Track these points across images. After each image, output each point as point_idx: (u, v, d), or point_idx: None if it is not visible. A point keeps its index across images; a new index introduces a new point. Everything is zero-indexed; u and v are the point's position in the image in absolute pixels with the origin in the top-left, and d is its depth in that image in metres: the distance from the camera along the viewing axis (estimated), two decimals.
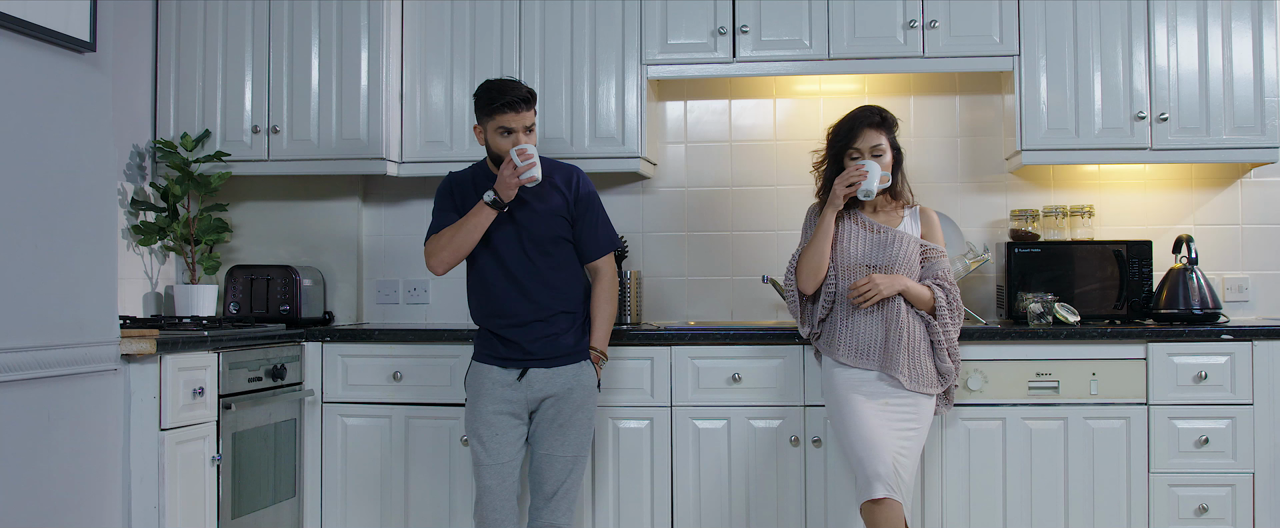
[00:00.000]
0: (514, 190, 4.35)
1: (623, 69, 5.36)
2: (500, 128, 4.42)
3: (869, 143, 4.45)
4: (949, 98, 5.65)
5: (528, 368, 4.45)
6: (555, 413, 4.47)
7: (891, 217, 4.55)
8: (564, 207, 4.55)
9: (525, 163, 4.34)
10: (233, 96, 5.47)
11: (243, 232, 5.82)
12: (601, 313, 4.59)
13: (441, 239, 4.48)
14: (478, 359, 4.54)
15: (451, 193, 4.56)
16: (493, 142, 4.46)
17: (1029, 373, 4.80)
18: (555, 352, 4.47)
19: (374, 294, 5.89)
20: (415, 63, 5.50)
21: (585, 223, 4.60)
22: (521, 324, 4.45)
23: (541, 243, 4.48)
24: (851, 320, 4.46)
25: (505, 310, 4.47)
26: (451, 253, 4.47)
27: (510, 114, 4.41)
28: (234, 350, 4.70)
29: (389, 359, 5.10)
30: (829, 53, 5.25)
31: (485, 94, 4.46)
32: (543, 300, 4.47)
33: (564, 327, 4.50)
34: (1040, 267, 5.17)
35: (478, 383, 4.49)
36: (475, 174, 4.59)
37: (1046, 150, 5.16)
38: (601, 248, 4.62)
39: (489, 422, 4.45)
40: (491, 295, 4.49)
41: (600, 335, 4.58)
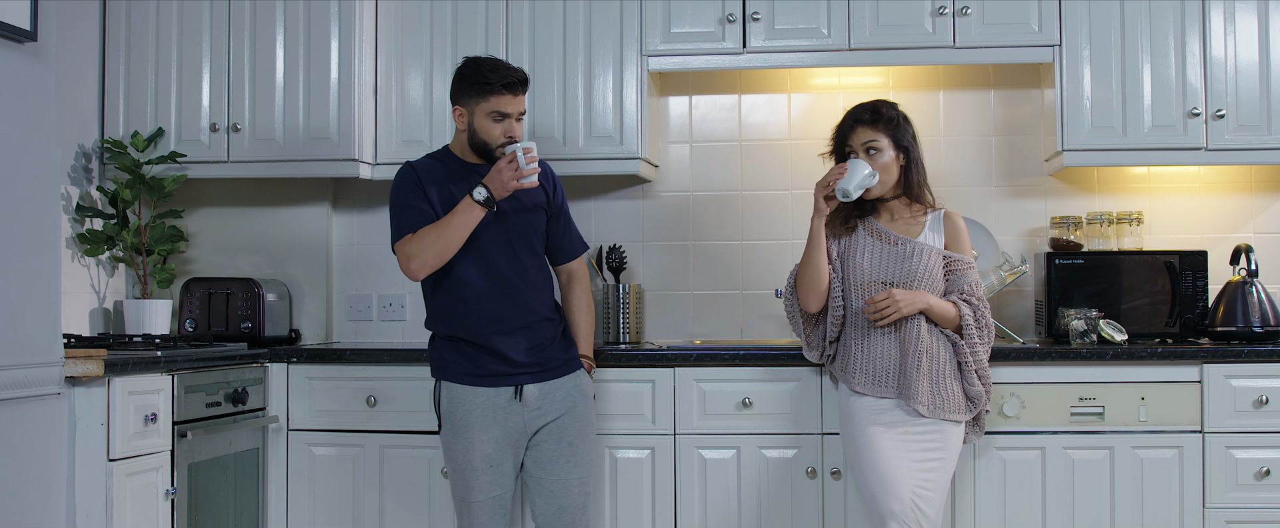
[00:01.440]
0: (510, 191, 4.35)
1: (620, 60, 5.38)
2: (494, 112, 4.41)
3: (861, 140, 4.47)
4: (982, 92, 5.67)
5: (522, 385, 4.46)
6: (561, 431, 4.48)
7: (910, 224, 4.54)
8: (546, 202, 4.59)
9: (530, 164, 4.33)
10: (188, 91, 5.49)
11: (200, 241, 5.84)
12: (585, 317, 4.65)
13: (423, 240, 4.39)
14: (453, 380, 4.50)
15: (420, 184, 4.48)
16: (481, 127, 4.44)
17: (1071, 397, 4.81)
18: (547, 364, 4.49)
19: (345, 310, 5.91)
20: (391, 53, 5.52)
21: (562, 220, 4.65)
22: (509, 333, 4.45)
23: (528, 242, 4.51)
24: (867, 343, 4.46)
25: (492, 318, 4.45)
26: (435, 255, 4.38)
27: (506, 96, 4.41)
28: (190, 372, 4.71)
29: (362, 382, 5.12)
30: (849, 42, 5.27)
31: (474, 72, 4.43)
32: (531, 306, 4.48)
33: (549, 335, 4.52)
34: (1083, 280, 5.19)
35: (461, 410, 4.46)
36: (447, 163, 4.55)
37: (1090, 151, 5.18)
38: (578, 248, 4.71)
39: (485, 455, 4.43)
40: (475, 302, 4.46)
41: (588, 342, 4.65)
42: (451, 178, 4.50)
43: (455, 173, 4.52)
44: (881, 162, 4.45)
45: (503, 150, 4.44)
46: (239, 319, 5.51)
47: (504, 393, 4.45)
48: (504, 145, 4.43)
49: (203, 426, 4.75)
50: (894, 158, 4.47)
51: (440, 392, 4.53)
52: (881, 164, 4.45)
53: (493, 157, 4.46)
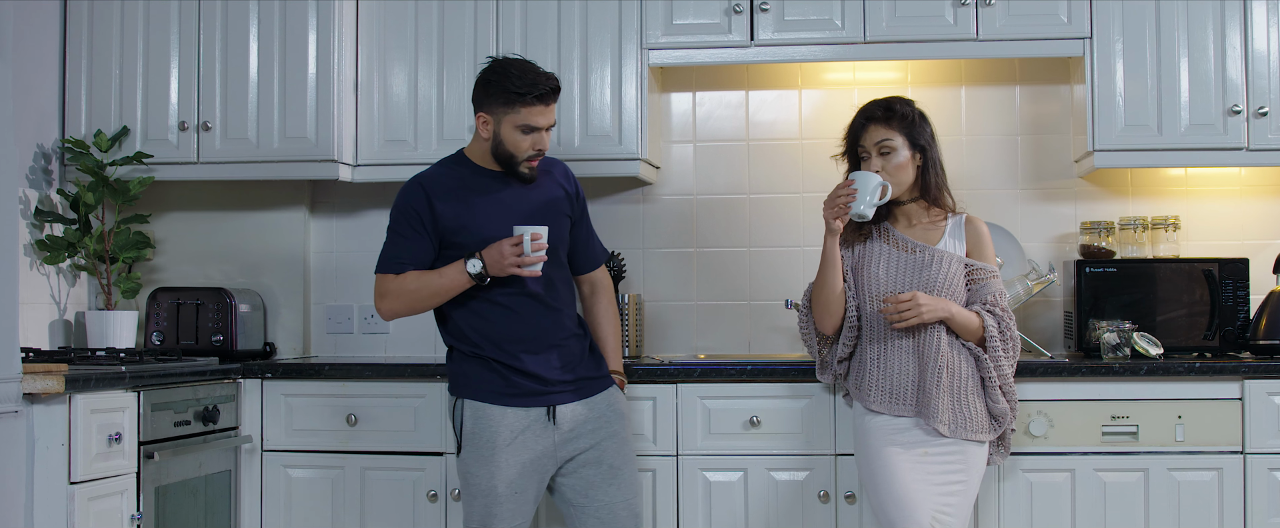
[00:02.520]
0: (508, 274, 4.34)
1: (619, 54, 5.39)
2: (523, 125, 4.38)
3: (874, 139, 4.47)
4: (1007, 89, 5.69)
5: (555, 405, 4.45)
6: (599, 455, 4.47)
7: (929, 230, 4.54)
8: (570, 204, 4.58)
9: (537, 251, 4.31)
10: (155, 87, 5.51)
11: (168, 248, 5.86)
12: (612, 330, 4.67)
13: (403, 286, 4.43)
14: (479, 398, 4.47)
15: (429, 206, 4.44)
16: (507, 139, 4.40)
17: (1102, 416, 4.83)
18: (581, 381, 4.49)
19: (323, 322, 5.92)
20: (373, 47, 5.54)
21: (583, 227, 4.64)
22: (540, 351, 4.44)
23: (556, 251, 4.49)
24: (883, 358, 4.47)
25: (520, 336, 4.44)
26: (408, 307, 4.46)
27: (537, 108, 4.37)
28: (157, 389, 4.73)
29: (342, 399, 5.13)
30: (865, 34, 5.29)
31: (504, 78, 4.37)
32: (560, 321, 4.49)
33: (579, 352, 4.53)
34: (1116, 289, 5.20)
35: (488, 431, 4.42)
36: (462, 171, 4.52)
37: (1123, 151, 5.20)
38: (600, 255, 4.72)
39: (510, 481, 4.40)
40: (502, 320, 4.44)
41: (616, 356, 4.66)
42: (467, 188, 4.47)
43: (471, 183, 4.49)
44: (896, 162, 4.45)
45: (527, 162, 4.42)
46: (210, 332, 5.53)
47: (535, 414, 4.43)
48: (530, 158, 4.42)
49: (171, 446, 4.76)
50: (910, 158, 4.47)
51: (463, 411, 4.48)
52: (896, 164, 4.44)
53: (516, 169, 4.44)
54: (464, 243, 4.43)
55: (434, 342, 5.83)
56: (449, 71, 5.47)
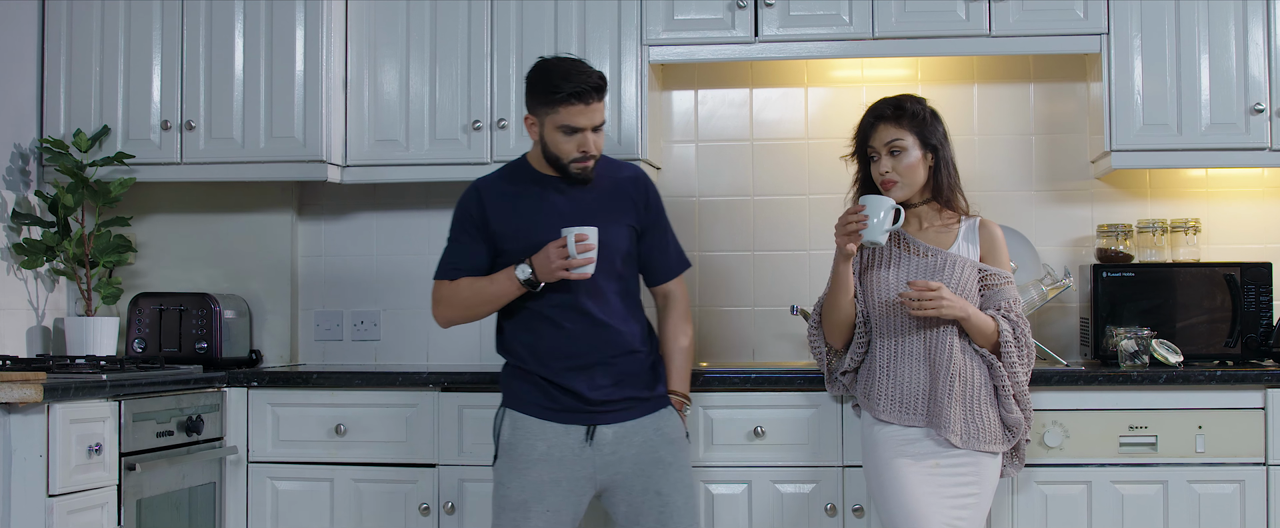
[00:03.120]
0: (556, 278, 4.32)
1: (618, 50, 5.40)
2: (563, 126, 4.35)
3: (884, 139, 4.46)
4: (1021, 86, 5.69)
5: (595, 425, 4.44)
6: (645, 481, 4.43)
7: (941, 233, 4.54)
8: (634, 214, 4.54)
9: (583, 254, 4.30)
10: (137, 85, 5.52)
11: (150, 252, 5.87)
12: (680, 347, 4.61)
13: (457, 293, 4.48)
14: (520, 409, 4.48)
15: (481, 211, 4.48)
16: (551, 140, 4.40)
17: (1120, 426, 4.83)
18: (627, 402, 4.46)
19: (312, 329, 5.93)
20: (363, 43, 5.55)
21: (656, 235, 4.60)
22: (584, 368, 4.43)
23: (610, 264, 4.45)
24: (893, 366, 4.47)
25: (567, 352, 4.43)
26: (462, 315, 4.51)
27: (578, 107, 4.34)
28: (139, 398, 4.73)
29: (331, 409, 5.14)
30: (873, 30, 5.30)
31: (543, 78, 4.37)
32: (612, 339, 4.45)
33: (633, 370, 4.49)
34: (1134, 294, 5.21)
35: (524, 443, 4.43)
36: (519, 176, 4.53)
37: (1141, 151, 5.21)
38: (675, 266, 4.65)
39: (541, 496, 4.39)
40: (548, 335, 4.44)
41: (682, 377, 4.59)
42: (521, 192, 4.47)
43: (526, 188, 4.48)
44: (906, 162, 4.44)
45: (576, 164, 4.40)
46: (193, 339, 5.53)
47: (574, 432, 4.42)
48: (577, 160, 4.40)
49: (153, 457, 4.77)
50: (921, 158, 4.46)
51: (503, 420, 4.51)
52: (907, 165, 4.44)
53: (568, 172, 4.43)
54: (515, 249, 4.44)
55: (426, 350, 5.84)
56: (442, 69, 5.47)
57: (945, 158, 4.49)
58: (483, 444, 4.99)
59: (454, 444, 5.04)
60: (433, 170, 5.50)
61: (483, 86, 5.46)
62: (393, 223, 5.92)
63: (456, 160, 5.46)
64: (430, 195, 5.87)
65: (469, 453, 5.03)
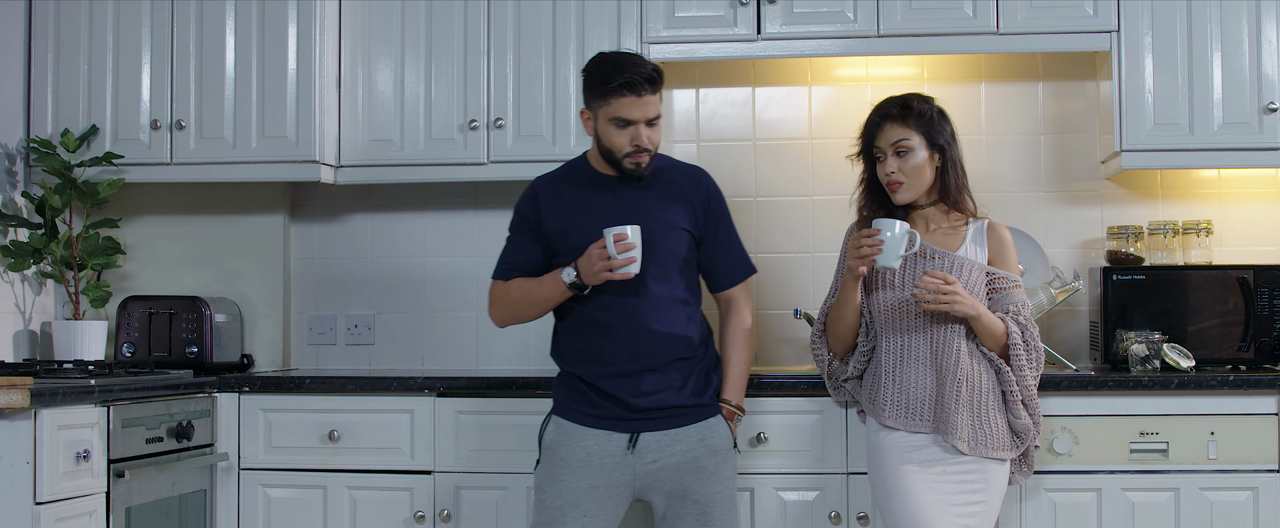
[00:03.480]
0: (601, 280, 4.32)
1: (618, 48, 5.39)
2: (615, 118, 4.36)
3: (890, 139, 4.45)
4: (1029, 85, 5.70)
5: (638, 433, 4.43)
6: (684, 493, 4.43)
7: (949, 236, 4.53)
8: (691, 218, 4.52)
9: (624, 254, 4.28)
10: (126, 83, 5.52)
11: (139, 254, 5.87)
12: (738, 356, 4.58)
13: (508, 294, 4.53)
14: (564, 415, 4.50)
15: (536, 210, 4.52)
16: (604, 134, 4.41)
17: (1130, 432, 4.83)
18: (671, 409, 4.44)
19: (305, 333, 5.93)
20: (357, 41, 5.55)
21: (719, 240, 4.58)
22: (627, 375, 4.43)
23: (663, 269, 4.45)
24: (899, 371, 4.46)
25: (605, 356, 4.44)
26: (513, 316, 4.56)
27: (629, 99, 4.34)
28: (128, 404, 4.74)
29: (324, 415, 5.14)
30: (878, 28, 5.30)
31: (597, 71, 4.39)
32: (658, 345, 4.43)
33: (680, 378, 4.47)
34: (1145, 298, 5.21)
35: (565, 448, 4.44)
36: (577, 174, 4.55)
37: (1152, 151, 5.21)
38: (738, 272, 4.63)
39: (578, 503, 4.39)
40: (595, 338, 4.45)
41: (736, 386, 4.57)
42: (576, 191, 4.49)
43: (581, 187, 4.49)
44: (912, 162, 4.43)
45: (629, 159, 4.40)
46: (183, 343, 5.53)
47: (617, 440, 4.43)
48: (630, 154, 4.39)
49: (142, 464, 4.77)
50: (927, 158, 4.45)
51: (548, 425, 4.53)
52: (913, 165, 4.43)
53: (622, 167, 4.43)
54: (566, 249, 4.46)
55: (422, 354, 5.85)
56: (437, 67, 5.48)
57: (953, 158, 4.48)
58: (480, 451, 5.00)
59: (450, 451, 5.04)
60: (428, 171, 5.50)
61: (479, 85, 5.46)
62: (387, 224, 5.92)
63: (452, 160, 5.47)
64: (426, 196, 5.87)
65: (466, 460, 5.03)
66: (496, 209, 5.81)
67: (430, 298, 5.89)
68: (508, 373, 5.36)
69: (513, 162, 5.44)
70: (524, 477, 4.97)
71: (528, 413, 4.98)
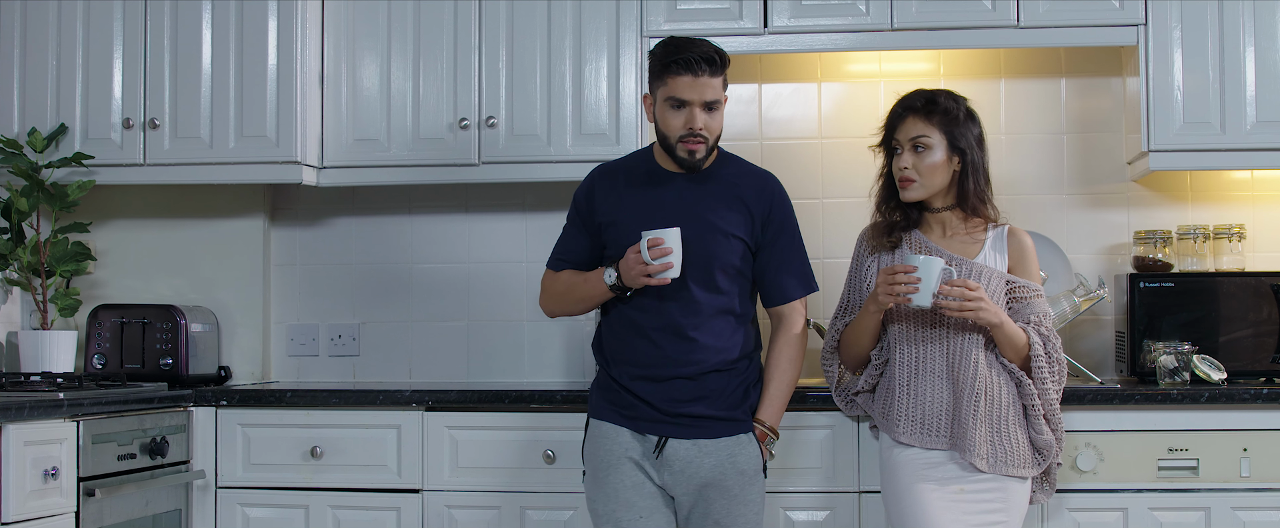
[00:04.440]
0: (640, 285, 4.33)
1: (617, 42, 5.41)
2: (671, 99, 4.38)
3: (910, 133, 4.45)
4: (1052, 82, 5.70)
5: (666, 438, 4.44)
6: (707, 508, 4.43)
7: (966, 242, 4.53)
8: (747, 227, 4.51)
9: (659, 259, 4.27)
10: (97, 80, 5.52)
11: (110, 260, 5.87)
12: (781, 377, 4.55)
13: (556, 286, 4.59)
14: (598, 416, 4.52)
15: (589, 199, 4.56)
16: (661, 117, 4.43)
17: (1159, 449, 4.83)
18: (701, 419, 4.44)
19: (285, 343, 5.93)
20: (341, 35, 5.55)
21: (777, 252, 4.55)
22: (659, 381, 4.44)
23: (709, 275, 4.45)
24: (914, 384, 4.46)
25: (640, 359, 4.45)
26: (560, 307, 4.64)
27: (686, 78, 4.35)
28: (99, 418, 4.74)
29: (306, 430, 5.15)
30: (892, 21, 5.31)
31: (658, 51, 4.42)
32: (693, 354, 4.44)
33: (715, 388, 4.47)
34: (1174, 306, 5.21)
35: (603, 451, 4.46)
36: (637, 166, 4.57)
37: (1182, 151, 5.21)
38: (795, 288, 4.58)
39: (628, 502, 4.40)
40: (638, 340, 4.47)
41: (774, 409, 4.55)
42: (633, 185, 4.50)
43: (638, 180, 4.51)
44: (929, 161, 4.42)
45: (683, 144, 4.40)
46: (157, 354, 5.54)
47: (648, 440, 4.44)
48: (685, 138, 4.39)
49: (114, 482, 4.77)
50: (945, 159, 4.44)
51: (586, 433, 4.56)
52: (929, 164, 4.42)
53: (675, 153, 4.44)
54: (614, 242, 4.48)
55: (409, 366, 5.85)
56: (426, 62, 5.48)
57: (974, 163, 4.46)
58: (472, 469, 5.01)
59: (441, 468, 5.05)
60: (416, 172, 5.51)
61: (470, 82, 5.46)
62: (373, 228, 5.92)
63: (442, 161, 5.47)
64: (413, 199, 5.88)
65: (457, 478, 5.04)
66: (488, 212, 5.82)
67: (418, 306, 5.90)
68: (501, 385, 5.36)
69: (505, 162, 5.44)
70: (518, 496, 4.99)
71: (523, 428, 4.99)
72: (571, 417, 4.92)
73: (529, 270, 5.78)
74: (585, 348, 5.75)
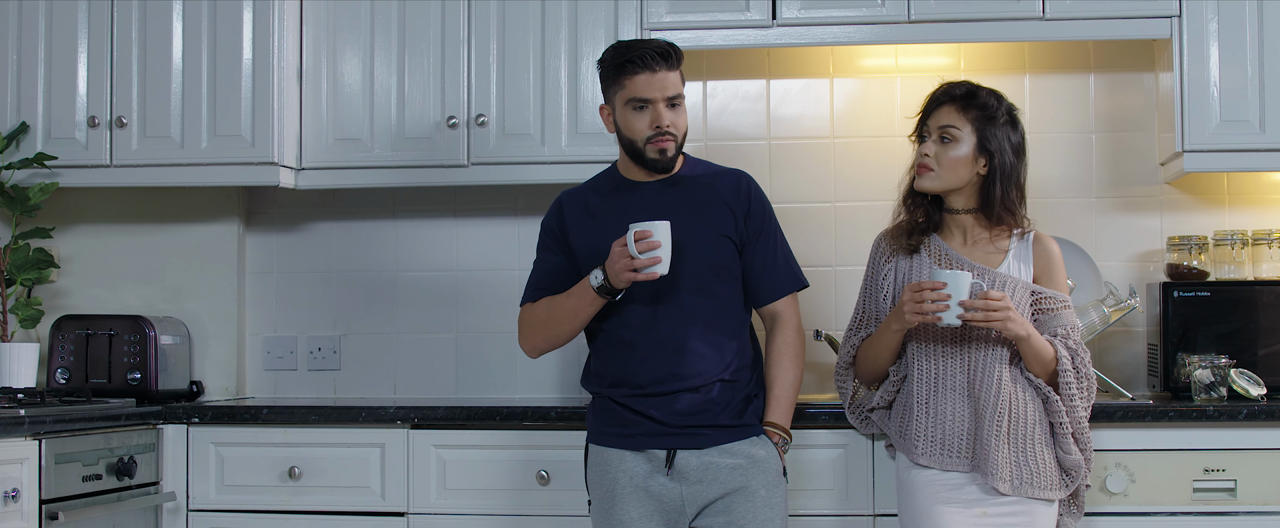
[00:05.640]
0: (627, 282, 4.31)
1: (615, 36, 5.41)
2: (632, 101, 4.39)
3: (940, 122, 4.44)
4: (1079, 77, 5.71)
5: (675, 450, 4.43)
6: (728, 514, 4.42)
7: (989, 250, 4.52)
8: (732, 225, 4.52)
9: (647, 253, 4.24)
10: (61, 75, 5.53)
11: (75, 268, 5.88)
12: (785, 376, 4.55)
13: (536, 315, 4.54)
14: (598, 442, 4.52)
15: (561, 222, 4.56)
16: (624, 123, 4.44)
17: (1194, 469, 4.83)
18: (711, 428, 4.43)
19: (261, 357, 5.94)
20: (320, 28, 5.56)
21: (761, 248, 4.56)
22: (666, 394, 4.43)
23: (701, 280, 4.46)
24: (933, 401, 4.45)
25: (646, 376, 4.44)
26: (545, 339, 4.55)
27: (643, 76, 4.38)
28: (63, 437, 4.74)
29: (283, 449, 5.15)
30: (909, 12, 5.31)
31: (608, 56, 4.44)
32: (698, 367, 4.44)
33: (725, 397, 4.47)
34: (1210, 317, 5.21)
35: (607, 479, 4.45)
36: (603, 184, 4.58)
37: (1218, 152, 5.21)
38: (784, 284, 4.59)
39: None
40: (629, 355, 4.46)
41: (783, 409, 4.55)
42: (604, 202, 4.51)
43: (608, 196, 4.52)
44: (952, 154, 4.38)
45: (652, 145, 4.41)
46: (125, 368, 5.54)
47: (654, 458, 4.43)
48: (652, 138, 4.40)
49: (79, 505, 4.78)
50: (971, 157, 4.41)
51: (587, 458, 4.56)
52: (951, 157, 4.38)
53: (644, 158, 4.45)
54: (592, 263, 4.46)
55: (395, 382, 5.85)
56: (411, 56, 5.49)
57: (1003, 169, 4.43)
58: (461, 490, 5.01)
59: (427, 490, 5.05)
60: (401, 173, 5.51)
61: (459, 77, 5.47)
62: (355, 234, 5.93)
63: (428, 162, 5.48)
64: (398, 202, 5.89)
65: (444, 500, 5.04)
66: (478, 217, 5.82)
67: (404, 317, 5.90)
68: (492, 401, 5.36)
69: (496, 163, 5.45)
70: (509, 519, 4.99)
71: (515, 447, 5.00)
72: (567, 435, 4.93)
73: (521, 279, 5.70)
74: (581, 360, 5.74)
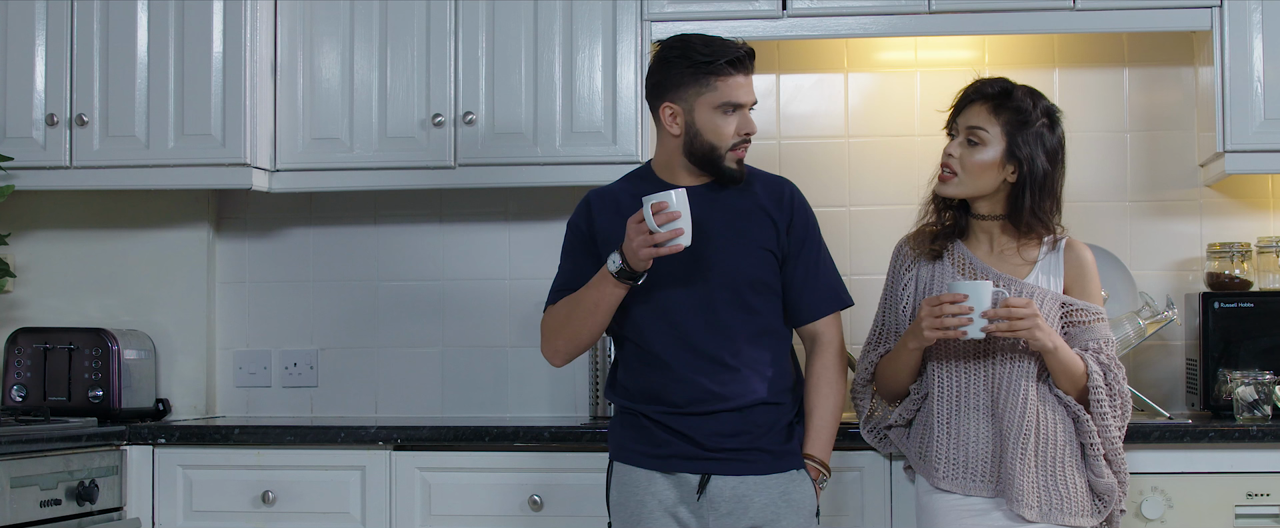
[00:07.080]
0: (646, 260, 4.24)
1: (613, 27, 5.43)
2: (725, 104, 4.35)
3: (969, 121, 4.44)
4: (1113, 72, 5.72)
5: (709, 475, 4.40)
6: None
7: (1016, 260, 4.51)
8: (773, 236, 4.48)
9: (668, 226, 4.18)
10: (16, 70, 5.54)
11: (32, 276, 5.89)
12: (825, 404, 4.51)
13: (556, 315, 4.47)
14: (624, 460, 4.48)
15: (588, 222, 4.50)
16: (706, 125, 4.37)
17: (1237, 493, 4.84)
18: (750, 455, 4.41)
19: (233, 373, 5.95)
20: (296, 19, 5.56)
21: (803, 264, 4.51)
22: (701, 415, 4.39)
23: (738, 294, 4.42)
24: (955, 421, 4.45)
25: (672, 395, 4.41)
26: (567, 341, 4.46)
27: (738, 78, 4.35)
28: (19, 459, 4.75)
29: (256, 471, 5.16)
30: (929, 2, 5.32)
31: (688, 50, 4.36)
32: (737, 387, 4.40)
33: (765, 422, 4.44)
34: (1253, 330, 5.22)
35: (633, 501, 4.42)
36: (636, 184, 4.52)
37: (1262, 152, 5.22)
38: (826, 302, 4.55)
39: None
40: (661, 373, 4.42)
41: (823, 440, 4.50)
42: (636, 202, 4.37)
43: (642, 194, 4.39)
44: (977, 158, 4.37)
45: (733, 153, 4.39)
46: (86, 385, 5.55)
47: (686, 482, 4.40)
48: (736, 146, 4.38)
49: None
50: (998, 162, 4.40)
51: (610, 477, 4.53)
52: (976, 161, 4.37)
53: (721, 166, 4.41)
54: None
55: (376, 400, 5.86)
56: (394, 50, 5.50)
57: (1036, 178, 4.42)
58: (447, 516, 5.02)
59: (411, 516, 5.06)
60: (382, 175, 5.52)
61: (445, 73, 5.48)
62: (333, 240, 5.94)
63: (412, 163, 5.49)
64: (380, 206, 5.89)
65: (429, 526, 5.05)
66: (466, 222, 5.83)
67: (386, 330, 5.91)
68: (481, 421, 5.37)
69: (485, 165, 5.46)
70: None
71: (506, 470, 5.01)
72: (561, 458, 4.95)
73: (512, 289, 5.80)
74: (576, 378, 5.76)
